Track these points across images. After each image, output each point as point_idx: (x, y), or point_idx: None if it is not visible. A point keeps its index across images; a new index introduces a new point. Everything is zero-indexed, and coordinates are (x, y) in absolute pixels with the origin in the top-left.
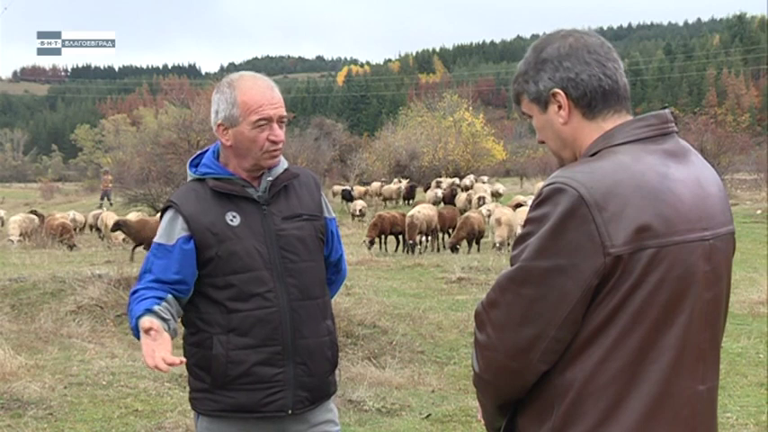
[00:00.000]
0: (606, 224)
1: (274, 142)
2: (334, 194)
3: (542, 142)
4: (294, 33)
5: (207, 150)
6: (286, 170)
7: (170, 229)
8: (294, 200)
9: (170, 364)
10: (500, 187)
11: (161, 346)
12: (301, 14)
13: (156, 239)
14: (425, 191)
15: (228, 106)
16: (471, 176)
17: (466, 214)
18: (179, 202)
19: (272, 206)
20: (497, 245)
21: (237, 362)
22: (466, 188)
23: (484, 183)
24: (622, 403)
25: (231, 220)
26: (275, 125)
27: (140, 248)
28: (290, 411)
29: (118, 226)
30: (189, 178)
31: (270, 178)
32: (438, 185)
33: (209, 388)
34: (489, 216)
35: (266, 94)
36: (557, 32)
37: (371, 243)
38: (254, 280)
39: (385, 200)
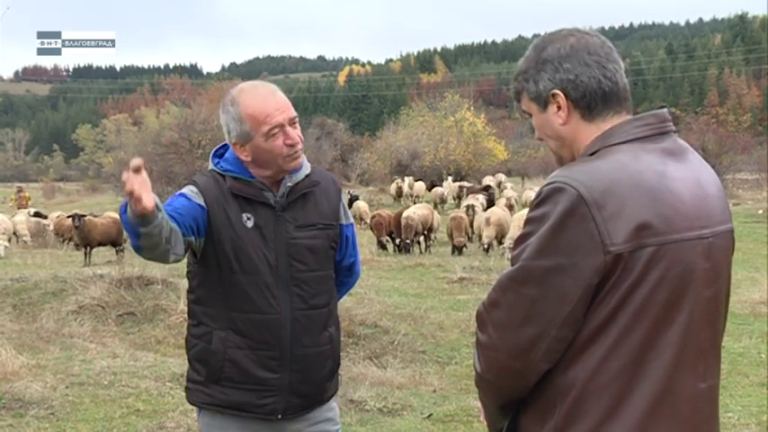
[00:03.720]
0: (606, 222)
1: (292, 146)
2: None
3: (541, 140)
4: (295, 33)
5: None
6: (308, 176)
7: (193, 195)
8: (311, 208)
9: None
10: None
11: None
12: (302, 14)
13: (179, 192)
14: (429, 189)
15: (237, 124)
16: (499, 176)
17: (457, 215)
18: (204, 188)
19: (288, 212)
20: (485, 245)
21: (234, 360)
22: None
23: (506, 189)
24: (624, 401)
25: (246, 221)
26: (288, 129)
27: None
28: (279, 416)
29: (74, 218)
30: (210, 167)
31: (290, 184)
32: (470, 191)
33: (203, 381)
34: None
35: (270, 101)
36: (558, 32)
37: (401, 244)
38: (259, 284)
39: (436, 205)
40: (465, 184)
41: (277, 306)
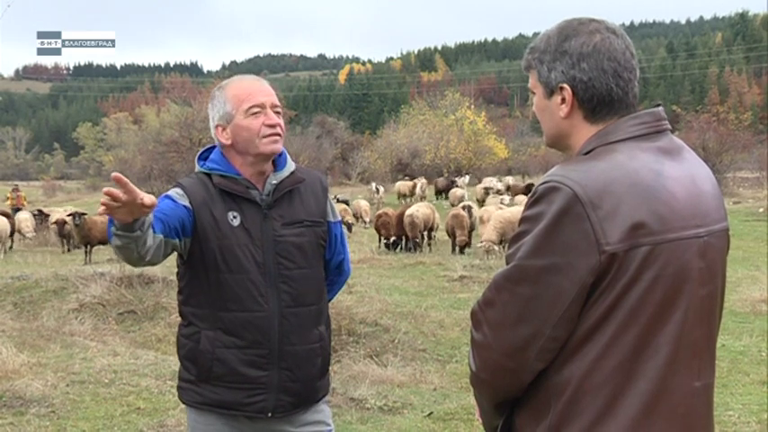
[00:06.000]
0: (601, 222)
1: (271, 126)
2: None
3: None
4: (296, 31)
5: (216, 145)
6: (293, 173)
7: (179, 197)
8: (298, 205)
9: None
10: None
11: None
12: (303, 13)
13: (164, 194)
14: (446, 190)
15: (221, 106)
16: (507, 180)
17: (459, 213)
18: (189, 190)
19: (275, 210)
20: (481, 244)
21: (223, 360)
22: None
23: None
24: (619, 400)
25: (232, 220)
26: (269, 111)
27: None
28: (269, 414)
29: (73, 216)
30: (196, 170)
31: (274, 182)
32: (489, 191)
33: (194, 380)
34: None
35: (254, 84)
36: (588, 23)
37: (395, 242)
38: (247, 282)
39: (453, 205)
40: (489, 185)
41: (265, 304)
